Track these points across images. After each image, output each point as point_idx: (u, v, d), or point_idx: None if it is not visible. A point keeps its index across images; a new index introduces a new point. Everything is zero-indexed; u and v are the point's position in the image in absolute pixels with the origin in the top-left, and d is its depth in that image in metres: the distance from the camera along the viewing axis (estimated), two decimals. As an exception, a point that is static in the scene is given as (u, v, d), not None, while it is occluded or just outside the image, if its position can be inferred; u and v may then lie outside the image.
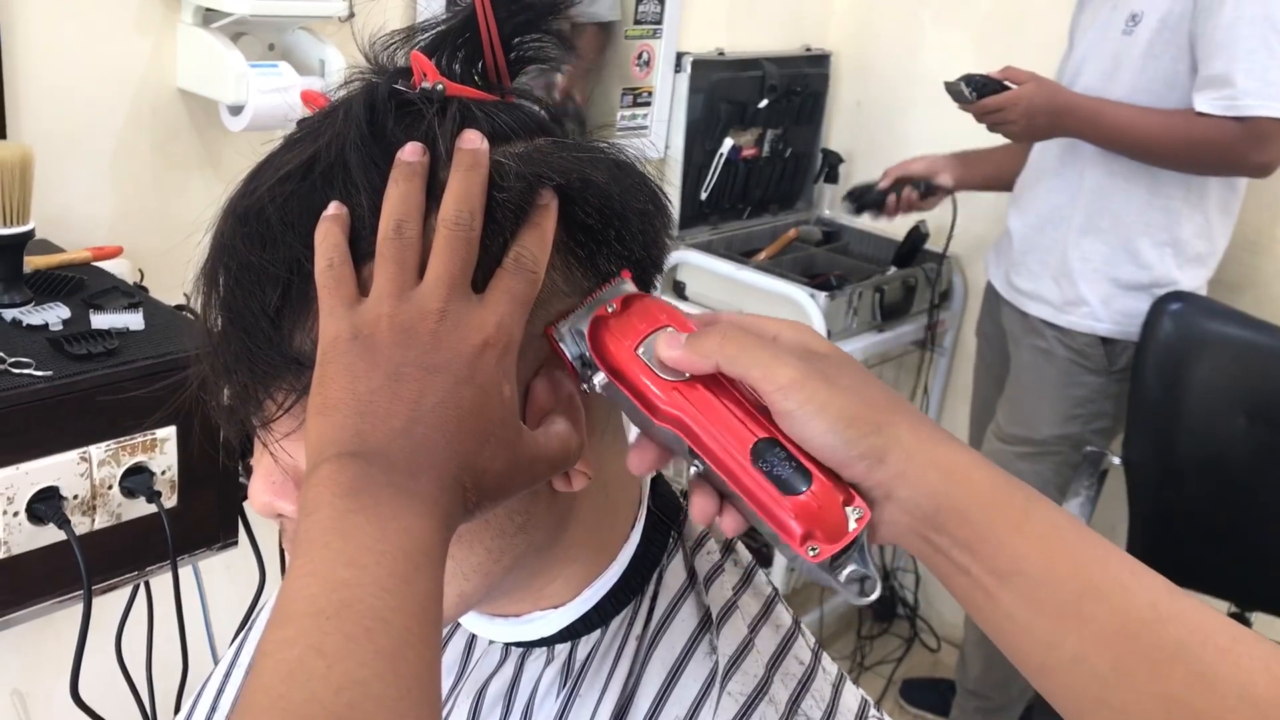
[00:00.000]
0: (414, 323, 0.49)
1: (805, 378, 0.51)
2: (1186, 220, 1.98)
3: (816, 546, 0.50)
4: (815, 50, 2.72)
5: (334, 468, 0.47)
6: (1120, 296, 2.02)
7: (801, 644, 0.65)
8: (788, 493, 0.50)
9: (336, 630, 0.42)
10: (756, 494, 0.51)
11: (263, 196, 0.53)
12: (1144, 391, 2.02)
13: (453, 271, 0.50)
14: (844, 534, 0.50)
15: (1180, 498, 2.02)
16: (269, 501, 0.56)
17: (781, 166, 2.71)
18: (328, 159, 0.53)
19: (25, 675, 1.62)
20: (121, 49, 1.50)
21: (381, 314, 0.49)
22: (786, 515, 0.50)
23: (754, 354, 0.52)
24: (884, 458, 0.50)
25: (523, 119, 0.57)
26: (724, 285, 2.37)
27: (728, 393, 0.53)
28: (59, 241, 1.42)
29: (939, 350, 2.69)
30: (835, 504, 0.50)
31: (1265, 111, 1.79)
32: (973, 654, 2.30)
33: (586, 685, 0.62)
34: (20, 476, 1.06)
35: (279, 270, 0.52)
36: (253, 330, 0.53)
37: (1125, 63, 1.93)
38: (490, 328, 0.50)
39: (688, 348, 0.53)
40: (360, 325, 0.49)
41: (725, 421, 0.52)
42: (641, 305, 0.56)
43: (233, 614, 1.37)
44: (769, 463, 0.51)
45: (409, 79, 0.56)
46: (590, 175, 0.54)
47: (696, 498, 0.53)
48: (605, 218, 0.55)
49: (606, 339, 0.54)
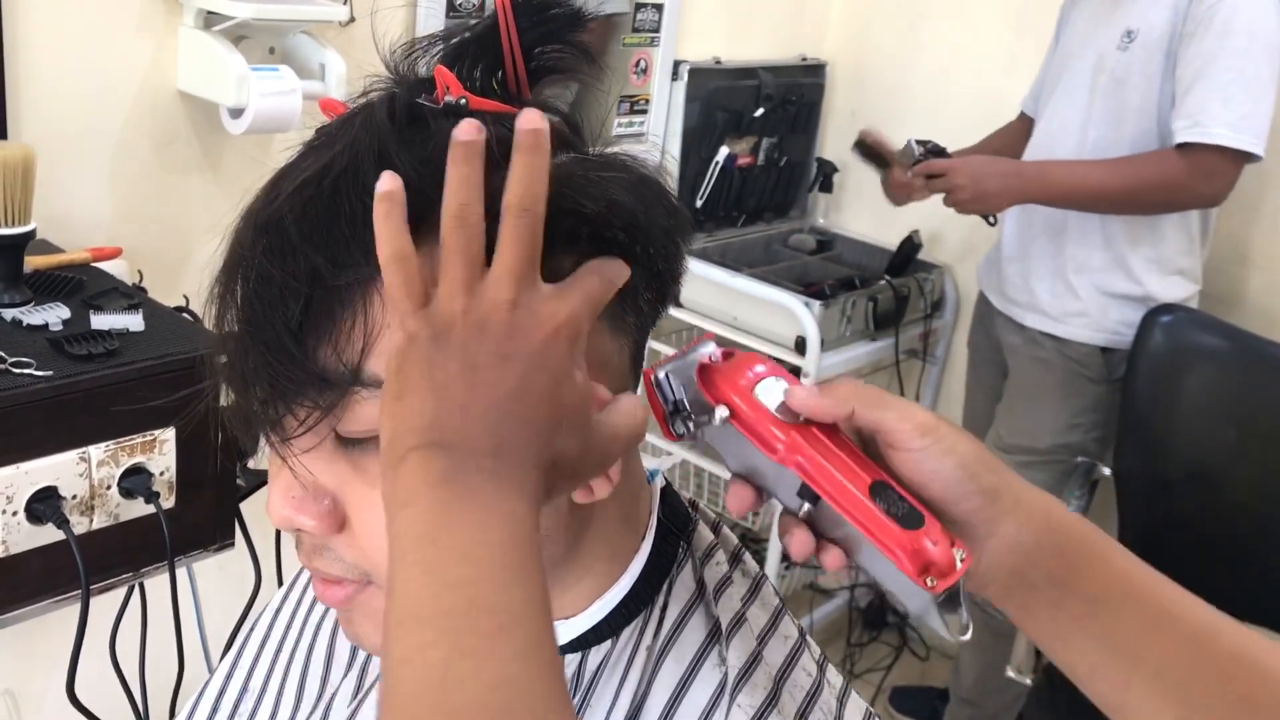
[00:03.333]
0: (487, 315, 0.49)
1: (937, 421, 0.57)
2: (1171, 237, 2.00)
3: (934, 579, 0.53)
4: (811, 60, 2.74)
5: (421, 456, 0.47)
6: (1116, 307, 2.03)
7: (808, 656, 0.65)
8: (908, 528, 0.54)
9: (472, 630, 0.43)
10: (879, 527, 0.54)
11: (281, 206, 0.52)
12: (1135, 403, 2.03)
13: (521, 260, 0.50)
14: (953, 570, 0.54)
15: (1171, 509, 2.03)
16: (289, 516, 0.56)
17: (776, 175, 2.73)
18: (342, 165, 0.52)
19: (17, 675, 1.62)
20: (123, 51, 1.50)
21: (455, 311, 0.49)
22: (906, 548, 0.54)
23: (889, 399, 0.57)
24: (997, 497, 0.57)
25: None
26: (719, 293, 2.38)
27: (838, 439, 0.57)
28: (59, 242, 1.42)
29: (931, 360, 2.70)
30: (945, 543, 0.54)
31: (1235, 144, 1.80)
32: (967, 662, 2.31)
33: (597, 696, 0.62)
34: (20, 476, 1.07)
35: (299, 284, 0.51)
36: (273, 345, 0.52)
37: (1120, 77, 1.95)
38: (562, 316, 0.50)
39: (825, 394, 0.57)
40: (437, 326, 0.49)
41: (842, 463, 0.56)
42: (744, 356, 0.60)
43: (226, 616, 1.37)
44: (886, 500, 0.55)
45: (430, 90, 0.56)
46: (617, 197, 0.54)
47: (798, 534, 0.57)
48: (631, 235, 0.55)
49: (719, 382, 0.58)
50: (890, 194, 2.17)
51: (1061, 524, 0.58)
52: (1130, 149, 1.94)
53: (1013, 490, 0.57)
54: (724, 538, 0.69)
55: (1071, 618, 0.57)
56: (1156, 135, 1.93)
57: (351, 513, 0.55)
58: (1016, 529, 0.57)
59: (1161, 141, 1.92)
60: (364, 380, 0.52)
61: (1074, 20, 2.10)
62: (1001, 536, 0.57)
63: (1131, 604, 0.56)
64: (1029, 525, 0.57)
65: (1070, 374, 2.09)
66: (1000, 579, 0.57)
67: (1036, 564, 0.57)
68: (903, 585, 0.54)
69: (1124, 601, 0.56)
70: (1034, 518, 0.57)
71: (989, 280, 2.25)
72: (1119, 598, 0.56)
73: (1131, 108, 1.94)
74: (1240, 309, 2.28)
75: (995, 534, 0.57)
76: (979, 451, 0.57)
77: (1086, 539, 0.58)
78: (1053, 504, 0.58)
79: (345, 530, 0.56)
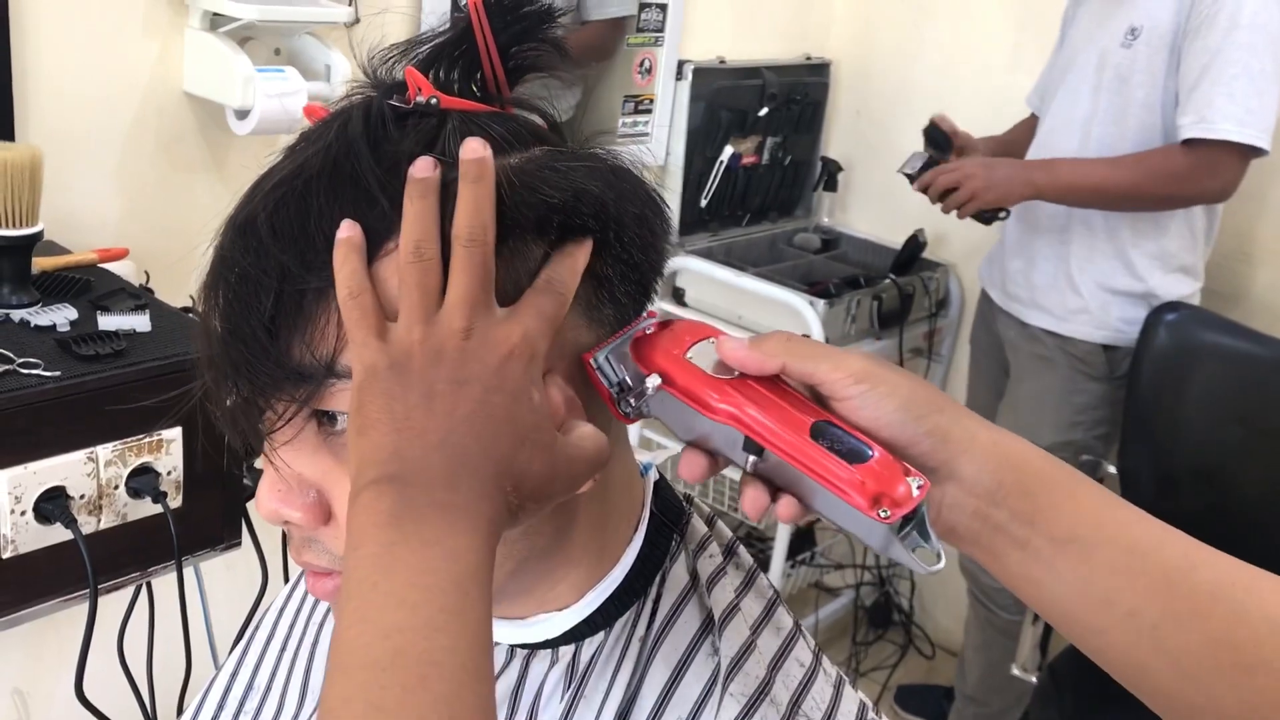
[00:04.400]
0: (442, 343, 0.51)
1: (873, 365, 0.55)
2: (1175, 233, 2.00)
3: (887, 509, 0.51)
4: (815, 59, 2.74)
5: (373, 495, 0.48)
6: (1118, 304, 2.03)
7: (802, 646, 0.66)
8: (854, 461, 0.52)
9: (393, 682, 0.44)
10: (822, 467, 0.53)
11: (256, 206, 0.54)
12: (1139, 401, 2.03)
13: (473, 288, 0.51)
14: (909, 499, 0.52)
15: (1176, 507, 2.03)
16: (275, 509, 0.57)
17: (781, 174, 2.73)
18: (313, 168, 0.54)
19: (26, 675, 1.63)
20: (129, 52, 1.51)
21: (412, 341, 0.51)
22: (855, 482, 0.52)
23: (821, 350, 0.55)
24: (948, 437, 0.54)
25: (518, 129, 0.58)
26: (723, 292, 2.39)
27: (778, 389, 0.55)
28: (66, 243, 1.43)
29: (936, 358, 2.70)
30: (898, 473, 0.52)
31: (1241, 138, 1.80)
32: (972, 660, 2.31)
33: (591, 687, 0.63)
34: (28, 476, 1.07)
35: (270, 280, 0.53)
36: (250, 341, 0.53)
37: (1124, 74, 1.95)
38: (515, 338, 0.52)
39: (754, 347, 0.56)
40: (395, 355, 0.50)
41: (781, 410, 0.54)
42: (681, 324, 0.59)
43: (233, 615, 1.38)
44: (829, 439, 0.53)
45: (404, 93, 0.57)
46: (584, 185, 0.55)
47: (749, 491, 0.55)
48: (601, 223, 0.56)
49: (652, 352, 0.57)
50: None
51: (1024, 461, 0.55)
52: (1134, 146, 1.94)
53: (966, 429, 0.55)
54: (718, 531, 0.70)
55: (1040, 560, 0.54)
56: (1161, 131, 1.93)
57: (336, 504, 0.56)
58: (975, 469, 0.54)
59: (1165, 138, 1.92)
60: (338, 372, 0.53)
61: (1078, 18, 2.10)
62: (959, 479, 0.54)
63: (1102, 543, 0.53)
64: (988, 465, 0.54)
65: (1072, 371, 2.09)
66: (963, 523, 0.55)
67: (999, 504, 0.54)
68: (860, 523, 0.52)
69: (1094, 541, 0.53)
70: (992, 456, 0.54)
71: (991, 277, 2.25)
72: (1088, 537, 0.53)
73: (1135, 104, 1.94)
74: (1244, 305, 2.28)
75: (953, 476, 0.54)
76: (925, 392, 0.55)
77: (1051, 476, 0.55)
78: (1012, 440, 0.56)
79: (331, 522, 0.57)
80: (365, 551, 0.48)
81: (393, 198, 0.53)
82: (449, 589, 0.46)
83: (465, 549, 0.47)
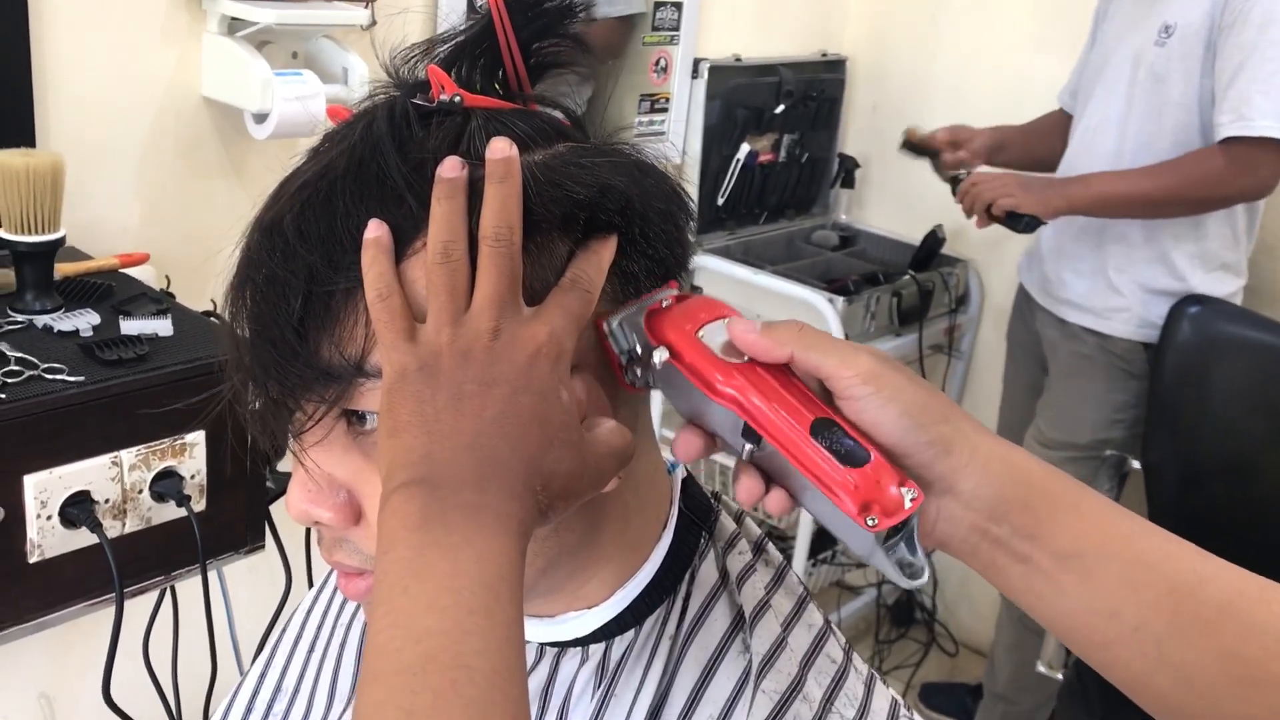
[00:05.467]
0: (470, 345, 0.51)
1: (882, 367, 0.53)
2: (1215, 233, 1.98)
3: (875, 517, 0.50)
4: (831, 55, 2.73)
5: (402, 498, 0.49)
6: (1159, 303, 2.02)
7: (834, 643, 0.65)
8: (848, 464, 0.51)
9: (424, 688, 0.44)
10: (816, 465, 0.52)
11: (282, 208, 0.54)
12: (1163, 395, 2.02)
13: (500, 289, 0.51)
14: (900, 509, 0.51)
15: (1202, 501, 2.01)
16: (306, 510, 0.57)
17: (798, 171, 2.72)
18: (339, 169, 0.54)
19: (52, 679, 1.63)
20: (148, 58, 1.52)
21: (441, 343, 0.51)
22: (847, 485, 0.51)
23: (831, 343, 0.54)
24: (950, 449, 0.53)
25: (541, 126, 0.57)
26: (741, 290, 2.38)
27: (785, 379, 0.54)
28: (87, 249, 1.44)
29: (957, 354, 2.69)
30: (892, 481, 0.51)
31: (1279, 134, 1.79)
32: (1003, 659, 2.30)
33: (621, 685, 0.62)
34: (54, 481, 1.08)
35: (298, 281, 0.53)
36: (279, 342, 0.53)
37: (1159, 72, 1.93)
38: (542, 337, 0.51)
39: (765, 333, 0.54)
40: (424, 357, 0.50)
41: (784, 400, 0.53)
42: (697, 300, 0.58)
43: (257, 618, 1.38)
44: (828, 438, 0.52)
45: (428, 92, 0.57)
46: (609, 181, 0.55)
47: (744, 479, 0.54)
48: (627, 218, 0.55)
49: (664, 326, 0.56)
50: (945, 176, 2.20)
51: (1026, 475, 0.54)
52: (1171, 144, 1.93)
53: (968, 440, 0.53)
54: (747, 528, 0.69)
55: (1043, 574, 0.53)
56: (1198, 130, 1.91)
57: (366, 504, 0.56)
58: (975, 483, 0.53)
59: (1203, 136, 1.91)
60: (367, 372, 0.53)
61: (1111, 16, 2.08)
62: (957, 494, 0.53)
63: (1106, 557, 0.52)
64: (989, 478, 0.53)
65: (1112, 369, 2.08)
66: (959, 536, 0.54)
67: (1000, 519, 0.53)
68: (846, 527, 0.51)
69: (1098, 555, 0.52)
70: (993, 469, 0.53)
71: (1030, 275, 2.24)
72: (1092, 551, 0.52)
73: (1171, 103, 1.93)
74: (1272, 300, 2.25)
75: (951, 490, 0.53)
76: (928, 399, 0.53)
77: (1054, 490, 0.54)
78: (1015, 453, 0.54)
79: (362, 522, 0.57)
80: (395, 555, 0.48)
81: (419, 197, 0.53)
82: (479, 591, 0.46)
83: (495, 550, 0.47)
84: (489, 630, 0.46)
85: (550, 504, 0.51)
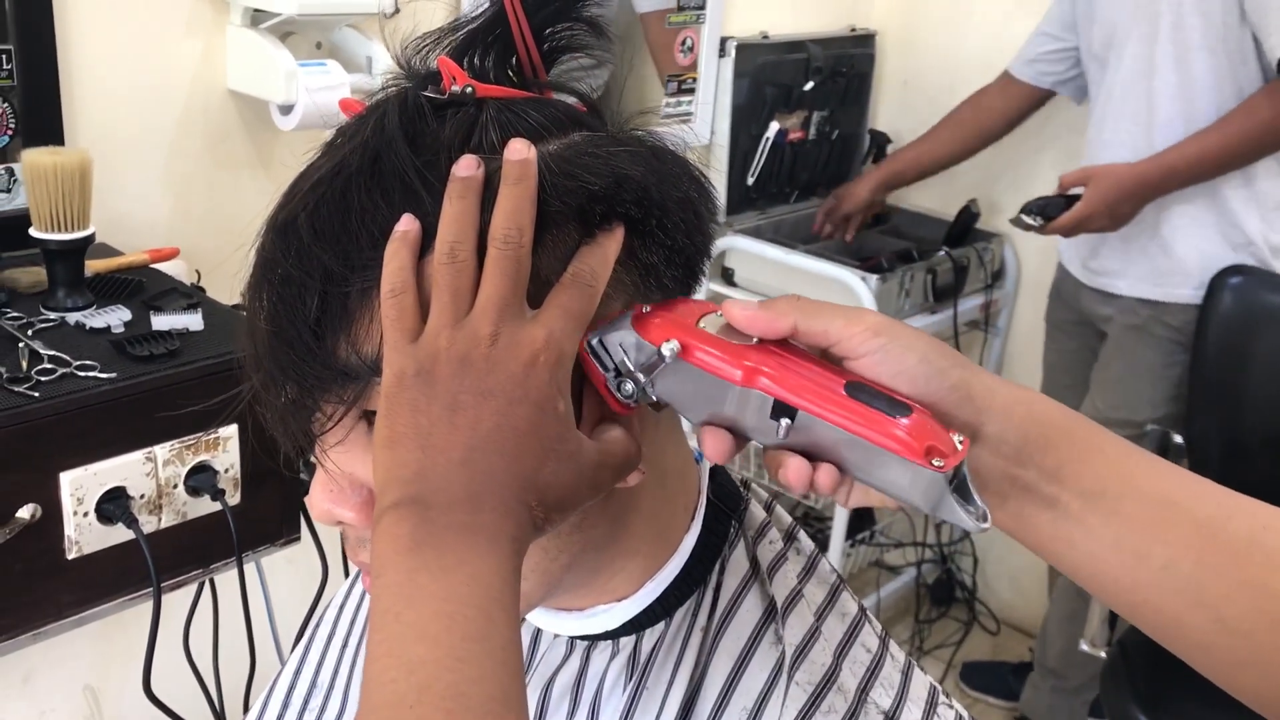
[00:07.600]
0: (468, 350, 0.49)
1: (889, 321, 0.53)
2: (1262, 171, 1.96)
3: (941, 459, 0.49)
4: (860, 30, 2.70)
5: (393, 519, 0.48)
6: (1213, 255, 1.99)
7: (869, 631, 0.64)
8: (897, 416, 0.50)
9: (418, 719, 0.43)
10: (868, 423, 0.50)
11: (296, 206, 0.54)
12: (1205, 368, 1.98)
13: (503, 292, 0.50)
14: (955, 451, 0.50)
15: (1246, 474, 1.98)
16: (328, 509, 0.57)
17: (829, 149, 2.69)
18: (352, 165, 0.53)
19: (96, 672, 1.65)
20: (172, 52, 1.52)
21: (439, 347, 0.50)
22: (904, 435, 0.49)
23: (831, 307, 0.53)
24: (971, 394, 0.52)
25: (555, 114, 0.56)
26: (773, 270, 2.36)
27: (796, 352, 0.53)
28: (117, 244, 1.45)
29: (993, 330, 2.66)
30: (939, 426, 0.50)
31: None
32: (1055, 632, 2.28)
33: (653, 678, 0.62)
34: (89, 477, 1.08)
35: (314, 281, 0.52)
36: (296, 343, 0.53)
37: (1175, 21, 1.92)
38: (539, 342, 0.50)
39: (764, 308, 0.53)
40: (422, 360, 0.50)
41: (809, 369, 0.52)
42: (679, 300, 0.56)
43: (296, 609, 1.39)
44: (867, 396, 0.50)
45: (439, 83, 0.56)
46: (625, 171, 0.54)
47: (790, 461, 0.51)
48: (644, 209, 0.54)
49: (660, 323, 0.53)
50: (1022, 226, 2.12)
51: (1046, 416, 0.53)
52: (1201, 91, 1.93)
53: (986, 385, 0.53)
54: (777, 516, 0.68)
55: (1070, 517, 0.52)
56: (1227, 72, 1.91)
57: None
58: (1000, 427, 0.52)
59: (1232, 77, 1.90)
60: None
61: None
62: (984, 439, 0.52)
63: (1132, 496, 0.52)
64: (1011, 421, 0.52)
65: (1169, 342, 2.05)
66: (990, 485, 0.53)
67: (1026, 461, 0.52)
68: (909, 481, 0.49)
69: (1123, 493, 0.52)
70: (1015, 413, 0.53)
71: (1071, 253, 2.21)
72: (1117, 490, 0.52)
73: (1193, 48, 1.91)
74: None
75: (978, 437, 0.52)
76: (940, 346, 0.53)
77: (1075, 430, 0.53)
78: (1033, 396, 0.54)
79: None
80: (387, 580, 0.47)
81: (433, 191, 0.52)
82: (473, 615, 0.46)
83: (488, 571, 0.47)
84: (483, 657, 0.45)
85: (545, 517, 0.50)
